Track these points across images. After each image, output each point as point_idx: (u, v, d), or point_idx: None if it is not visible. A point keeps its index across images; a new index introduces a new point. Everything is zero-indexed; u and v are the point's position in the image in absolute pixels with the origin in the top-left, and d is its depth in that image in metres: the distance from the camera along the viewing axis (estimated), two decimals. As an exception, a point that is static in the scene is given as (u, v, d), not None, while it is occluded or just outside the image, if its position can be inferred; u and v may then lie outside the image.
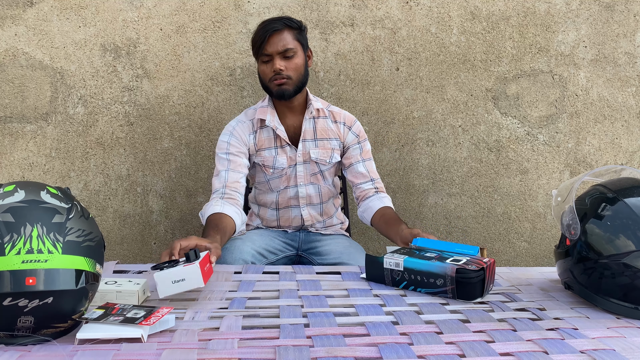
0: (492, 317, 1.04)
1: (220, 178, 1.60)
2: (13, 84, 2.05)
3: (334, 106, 1.76)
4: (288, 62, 1.57)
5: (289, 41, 1.57)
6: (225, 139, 1.64)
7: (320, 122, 1.68)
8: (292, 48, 1.57)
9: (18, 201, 0.87)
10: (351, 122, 1.72)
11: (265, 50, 1.56)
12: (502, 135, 2.19)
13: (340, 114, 1.72)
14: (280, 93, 1.58)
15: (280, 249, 1.65)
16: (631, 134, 2.22)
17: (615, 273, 1.04)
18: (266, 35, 1.55)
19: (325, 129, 1.68)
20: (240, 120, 1.68)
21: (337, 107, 1.78)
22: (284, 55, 1.56)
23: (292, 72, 1.58)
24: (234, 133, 1.65)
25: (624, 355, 0.87)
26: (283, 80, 1.57)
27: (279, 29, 1.56)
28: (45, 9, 2.03)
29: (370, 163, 1.73)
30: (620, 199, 1.08)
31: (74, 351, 0.84)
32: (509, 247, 2.25)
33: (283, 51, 1.56)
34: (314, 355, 0.84)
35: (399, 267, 1.20)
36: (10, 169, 2.09)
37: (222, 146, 1.64)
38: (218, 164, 1.63)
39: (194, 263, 1.05)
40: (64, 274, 0.85)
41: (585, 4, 2.15)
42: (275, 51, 1.56)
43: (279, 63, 1.56)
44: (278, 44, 1.56)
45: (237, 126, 1.66)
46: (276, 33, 1.56)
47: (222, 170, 1.61)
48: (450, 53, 2.15)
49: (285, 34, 1.57)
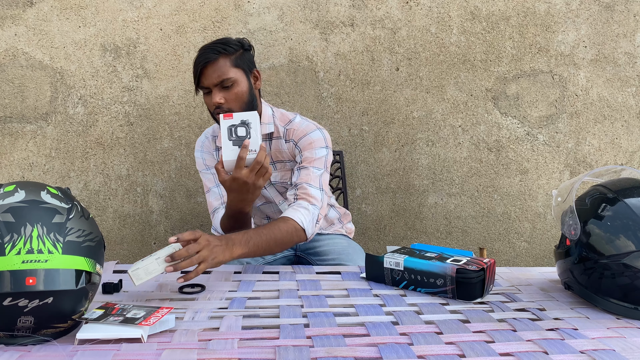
0: (492, 317, 1.04)
1: (215, 194, 1.57)
2: (13, 84, 2.05)
3: (299, 120, 1.58)
4: (227, 92, 1.44)
5: (225, 70, 1.44)
6: (198, 155, 1.62)
7: (274, 144, 1.58)
8: (230, 77, 1.43)
9: (18, 201, 0.87)
10: (299, 136, 1.55)
11: (202, 83, 1.45)
12: (502, 135, 2.19)
13: (292, 130, 1.56)
14: None
15: None
16: (631, 134, 2.22)
17: (615, 273, 1.04)
18: (201, 68, 1.44)
19: (280, 150, 1.58)
20: (207, 136, 1.64)
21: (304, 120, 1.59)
22: (222, 85, 1.44)
23: (233, 102, 1.45)
24: (203, 149, 1.62)
25: (624, 356, 0.86)
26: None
27: (212, 59, 1.43)
28: (45, 9, 2.03)
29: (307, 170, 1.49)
30: (621, 199, 1.08)
31: (74, 351, 0.84)
32: (509, 247, 2.25)
33: (219, 83, 1.43)
34: (314, 355, 0.84)
35: (399, 267, 1.20)
36: (10, 169, 2.09)
37: (199, 162, 1.62)
38: (205, 180, 1.61)
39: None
40: (64, 274, 0.85)
41: (585, 4, 2.15)
42: (211, 84, 1.44)
43: (218, 96, 1.43)
44: (212, 75, 1.43)
45: (205, 142, 1.63)
46: (210, 64, 1.43)
47: (213, 186, 1.58)
48: (450, 53, 2.15)
49: (220, 64, 1.44)
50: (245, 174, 1.27)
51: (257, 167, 1.27)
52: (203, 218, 2.17)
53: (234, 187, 1.30)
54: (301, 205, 1.41)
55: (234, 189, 1.30)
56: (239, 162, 1.25)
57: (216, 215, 1.56)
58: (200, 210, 2.16)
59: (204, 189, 1.63)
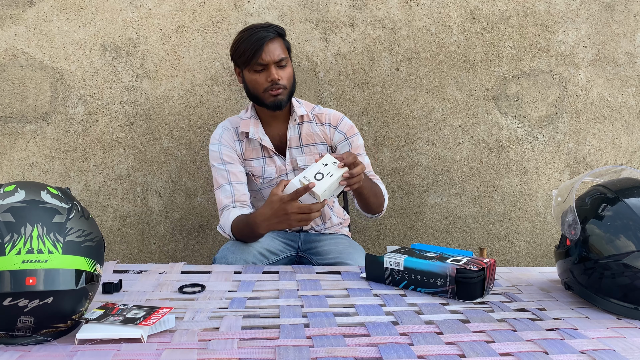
0: (492, 317, 1.04)
1: (226, 192, 1.58)
2: (13, 84, 2.05)
3: (321, 107, 1.70)
4: (283, 71, 1.54)
5: (282, 50, 1.54)
6: (215, 149, 1.62)
7: (305, 128, 1.64)
8: (285, 57, 1.54)
9: (18, 201, 0.87)
10: (337, 121, 1.67)
11: (262, 59, 1.51)
12: (502, 135, 2.19)
13: (324, 114, 1.67)
14: (277, 103, 1.54)
15: (280, 249, 1.65)
16: (631, 134, 2.22)
17: (615, 273, 1.04)
18: (262, 43, 1.50)
19: (310, 134, 1.64)
20: (226, 128, 1.65)
21: (324, 107, 1.73)
22: (279, 64, 1.53)
23: (287, 81, 1.55)
24: (222, 141, 1.62)
25: (624, 356, 0.87)
26: (280, 90, 1.53)
27: (272, 37, 1.52)
28: (45, 9, 2.03)
29: (360, 158, 1.65)
30: (621, 199, 1.08)
31: (74, 351, 0.84)
32: (509, 247, 2.25)
33: (278, 60, 1.52)
34: (314, 355, 0.84)
35: (399, 267, 1.20)
36: (10, 169, 2.09)
37: (215, 156, 1.62)
38: (217, 175, 1.60)
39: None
40: (64, 274, 0.85)
41: (585, 4, 2.15)
42: (271, 60, 1.51)
43: (277, 73, 1.52)
44: (274, 52, 1.51)
45: (224, 134, 1.63)
46: (271, 42, 1.51)
47: (225, 183, 1.59)
48: (450, 53, 2.15)
49: (277, 43, 1.53)
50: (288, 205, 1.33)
51: (304, 209, 1.32)
52: (203, 218, 2.17)
53: (272, 206, 1.35)
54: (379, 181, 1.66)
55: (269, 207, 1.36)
56: (295, 194, 1.30)
57: (225, 214, 1.56)
58: (200, 210, 2.16)
59: (214, 184, 1.62)
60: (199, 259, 2.18)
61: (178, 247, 2.18)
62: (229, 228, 1.52)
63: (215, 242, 2.18)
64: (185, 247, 2.19)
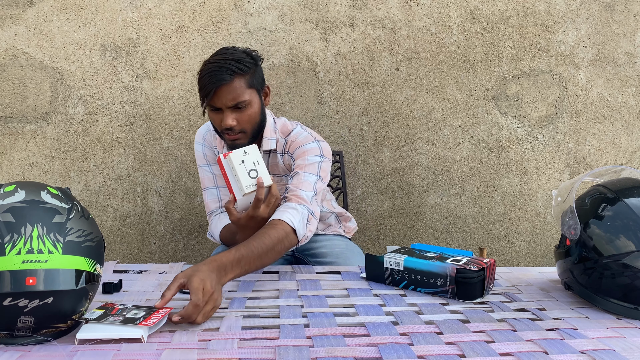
0: (492, 317, 1.04)
1: (213, 195, 1.55)
2: (13, 84, 2.05)
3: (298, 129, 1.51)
4: (240, 114, 1.36)
5: (240, 92, 1.35)
6: (199, 148, 1.57)
7: (272, 158, 1.52)
8: (244, 100, 1.35)
9: (18, 201, 0.87)
10: (294, 149, 1.47)
11: (214, 103, 1.35)
12: (502, 135, 2.19)
13: (289, 142, 1.48)
14: (234, 147, 1.38)
15: None
16: (631, 134, 2.22)
17: (615, 273, 1.04)
18: (213, 88, 1.32)
19: (276, 164, 1.52)
20: (210, 128, 1.58)
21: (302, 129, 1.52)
22: (236, 107, 1.35)
23: (246, 124, 1.38)
24: (205, 142, 1.57)
25: (624, 356, 0.86)
26: (237, 136, 1.38)
27: (227, 81, 1.33)
28: (45, 9, 2.03)
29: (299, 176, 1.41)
30: (621, 199, 1.08)
31: (74, 351, 0.84)
32: (509, 247, 2.25)
33: (234, 105, 1.35)
34: (314, 355, 0.84)
35: (399, 267, 1.20)
36: (10, 169, 2.09)
37: (199, 155, 1.57)
38: (204, 177, 1.57)
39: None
40: (64, 274, 0.85)
41: (585, 4, 2.15)
42: (224, 106, 1.34)
43: (230, 118, 1.35)
44: (227, 97, 1.33)
45: (207, 135, 1.58)
46: (225, 86, 1.33)
47: (211, 186, 1.56)
48: (450, 53, 2.15)
49: (235, 85, 1.34)
50: (264, 210, 1.25)
51: (273, 199, 1.26)
52: (203, 218, 2.17)
53: (251, 225, 1.27)
54: (289, 206, 1.31)
55: (250, 227, 1.27)
56: (257, 202, 1.23)
57: (214, 220, 1.53)
58: (200, 210, 2.16)
59: (201, 184, 1.60)
60: (199, 259, 2.18)
61: (178, 247, 2.18)
62: (217, 236, 1.51)
63: (215, 242, 2.18)
64: (185, 247, 2.19)
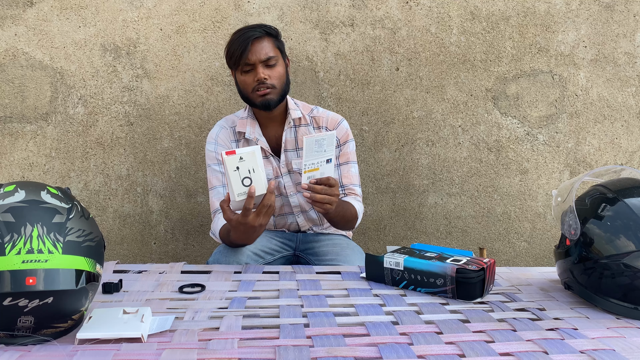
0: (492, 317, 1.04)
1: (219, 194, 1.57)
2: (13, 84, 2.05)
3: (319, 109, 1.68)
4: (271, 70, 1.52)
5: (270, 49, 1.52)
6: (211, 148, 1.61)
7: (301, 131, 1.62)
8: (274, 56, 1.52)
9: (18, 201, 0.87)
10: (334, 125, 1.65)
11: (248, 59, 1.50)
12: (502, 135, 2.19)
13: (322, 118, 1.65)
14: (265, 103, 1.52)
15: (277, 249, 1.64)
16: (631, 134, 2.22)
17: (615, 273, 1.04)
18: (247, 43, 1.48)
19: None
20: (223, 127, 1.64)
21: (323, 109, 1.69)
22: (267, 63, 1.51)
23: (276, 80, 1.52)
24: (219, 141, 1.61)
25: (624, 355, 0.87)
26: (267, 90, 1.51)
27: (259, 36, 1.50)
28: (45, 9, 2.03)
29: (347, 167, 1.64)
30: (620, 199, 1.08)
31: (74, 351, 0.84)
32: (509, 247, 2.25)
33: (265, 59, 1.50)
34: (314, 355, 0.84)
35: (399, 267, 1.20)
36: (10, 169, 2.09)
37: (211, 156, 1.61)
38: (212, 176, 1.60)
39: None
40: (64, 274, 0.85)
41: (585, 4, 2.15)
42: (257, 60, 1.50)
43: (263, 72, 1.50)
44: (260, 52, 1.50)
45: (220, 133, 1.62)
46: (257, 41, 1.50)
47: (218, 185, 1.58)
48: (450, 53, 2.15)
49: (265, 42, 1.52)
50: (253, 219, 1.26)
51: (264, 209, 1.26)
52: (203, 218, 2.17)
53: (240, 229, 1.29)
54: (356, 199, 1.62)
55: (240, 231, 1.30)
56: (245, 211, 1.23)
57: (217, 218, 1.55)
58: (200, 210, 2.16)
59: (208, 184, 1.61)
60: (199, 259, 2.18)
61: (178, 247, 2.18)
62: (218, 233, 1.52)
63: (215, 242, 2.18)
64: (185, 247, 2.19)
